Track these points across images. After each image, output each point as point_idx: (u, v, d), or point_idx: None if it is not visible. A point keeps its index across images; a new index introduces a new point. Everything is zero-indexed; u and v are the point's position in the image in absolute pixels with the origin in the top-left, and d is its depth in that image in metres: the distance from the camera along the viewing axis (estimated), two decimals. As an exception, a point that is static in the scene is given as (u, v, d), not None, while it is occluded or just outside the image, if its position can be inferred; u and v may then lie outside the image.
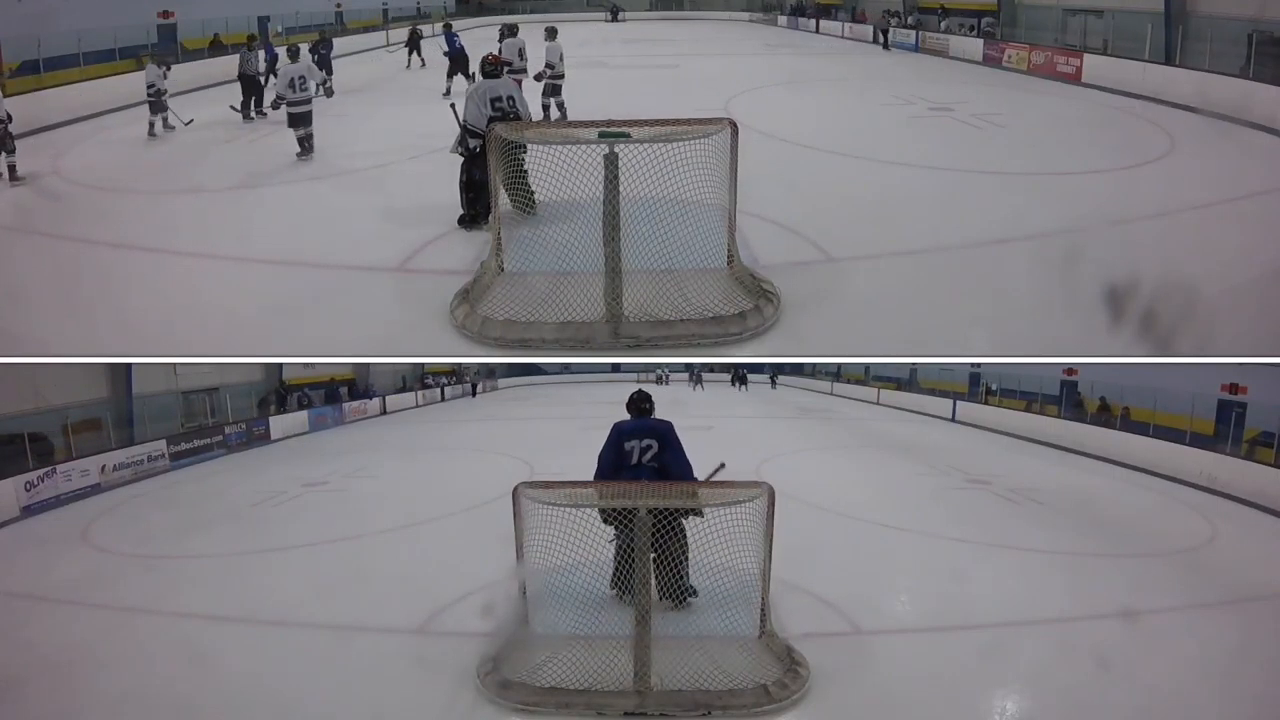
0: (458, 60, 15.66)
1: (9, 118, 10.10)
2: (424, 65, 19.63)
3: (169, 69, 13.07)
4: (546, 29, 11.95)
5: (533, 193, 6.46)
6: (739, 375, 33.25)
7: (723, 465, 5.81)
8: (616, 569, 5.57)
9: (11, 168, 10.16)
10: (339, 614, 6.33)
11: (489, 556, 6.11)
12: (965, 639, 5.82)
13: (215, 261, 7.23)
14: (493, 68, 7.65)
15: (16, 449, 11.91)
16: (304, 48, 13.83)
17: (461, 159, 7.50)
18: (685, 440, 5.73)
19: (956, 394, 22.25)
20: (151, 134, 12.54)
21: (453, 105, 7.66)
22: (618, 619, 4.88)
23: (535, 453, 14.29)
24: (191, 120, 13.18)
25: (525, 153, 6.29)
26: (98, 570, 7.92)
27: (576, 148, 5.49)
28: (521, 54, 12.03)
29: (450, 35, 16.23)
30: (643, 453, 5.52)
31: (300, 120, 10.70)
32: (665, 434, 5.55)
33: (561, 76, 11.90)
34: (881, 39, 26.36)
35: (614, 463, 5.54)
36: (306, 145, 10.77)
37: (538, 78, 11.83)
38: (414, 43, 20.32)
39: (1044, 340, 5.91)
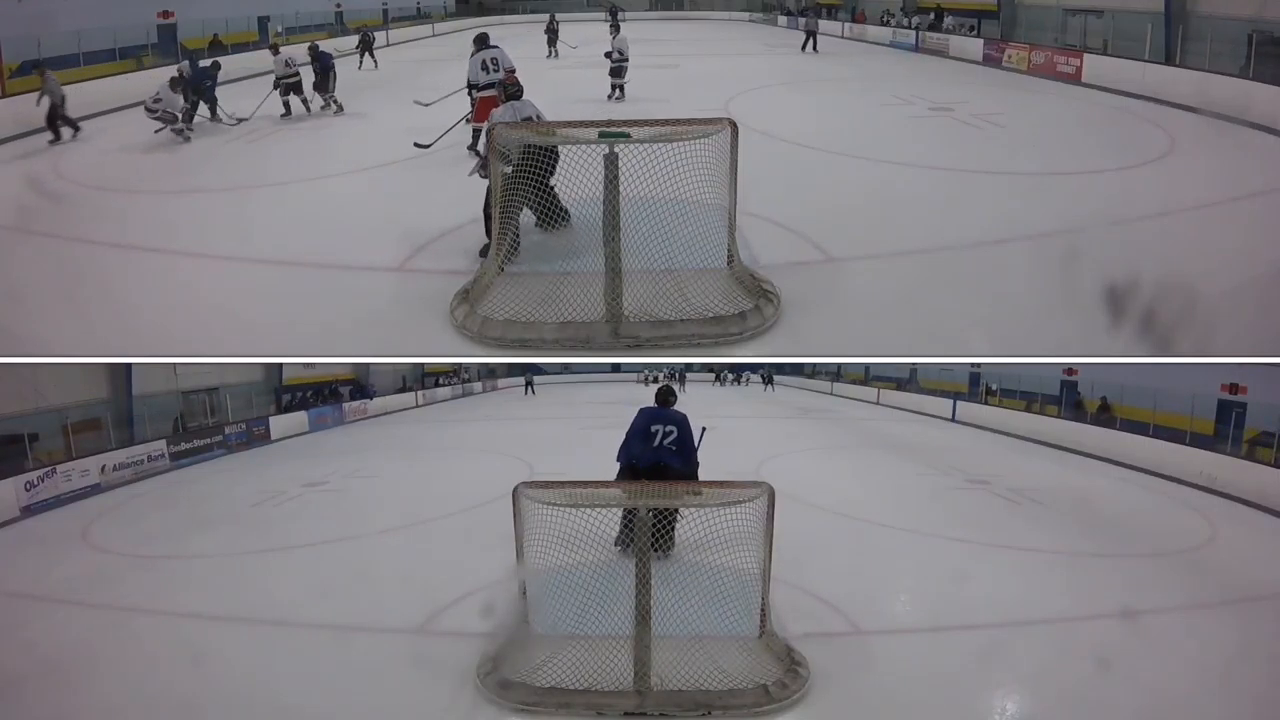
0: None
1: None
2: (376, 67, 19.71)
3: None
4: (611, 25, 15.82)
5: (566, 210, 6.38)
6: (766, 376, 34.20)
7: (705, 429, 7.29)
8: (623, 529, 6.46)
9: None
10: (339, 614, 6.33)
11: (489, 556, 6.13)
12: (965, 639, 5.82)
13: (215, 261, 7.23)
14: (516, 89, 7.21)
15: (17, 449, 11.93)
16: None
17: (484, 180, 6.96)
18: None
19: (956, 394, 22.25)
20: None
21: (472, 147, 7.09)
22: (618, 619, 4.87)
23: (535, 453, 14.30)
24: None
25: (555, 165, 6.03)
26: (98, 570, 7.91)
27: (576, 148, 5.48)
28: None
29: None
30: (665, 436, 6.85)
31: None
32: (682, 423, 6.93)
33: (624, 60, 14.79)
34: (810, 41, 23.67)
35: (641, 438, 6.84)
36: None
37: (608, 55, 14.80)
38: (365, 46, 20.53)
39: (1044, 340, 5.90)
